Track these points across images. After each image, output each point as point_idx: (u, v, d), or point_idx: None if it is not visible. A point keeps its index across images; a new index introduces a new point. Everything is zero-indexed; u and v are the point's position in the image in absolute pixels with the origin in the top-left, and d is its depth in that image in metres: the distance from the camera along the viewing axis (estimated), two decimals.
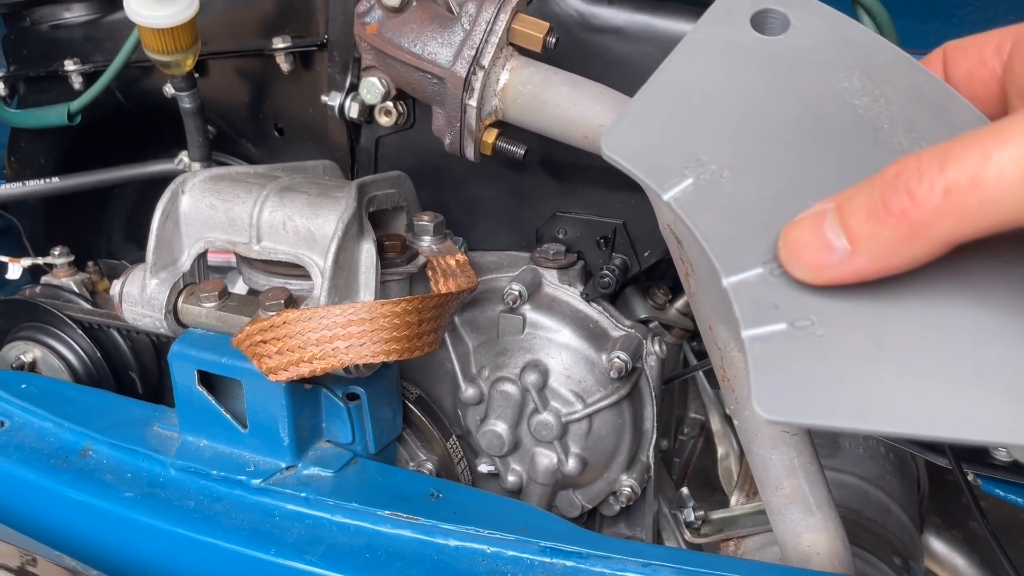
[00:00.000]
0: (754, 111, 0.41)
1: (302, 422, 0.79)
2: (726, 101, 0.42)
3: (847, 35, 0.42)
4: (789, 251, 0.37)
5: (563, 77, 0.77)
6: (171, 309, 0.79)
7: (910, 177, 0.34)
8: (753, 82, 0.42)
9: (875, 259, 0.35)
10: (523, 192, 0.96)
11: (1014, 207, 0.32)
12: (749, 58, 0.42)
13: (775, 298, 0.37)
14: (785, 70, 0.42)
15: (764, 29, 0.43)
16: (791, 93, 0.41)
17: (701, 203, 0.40)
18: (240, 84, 1.07)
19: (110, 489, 0.81)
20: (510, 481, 0.96)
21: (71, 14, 1.18)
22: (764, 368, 0.36)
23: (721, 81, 0.42)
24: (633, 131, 0.42)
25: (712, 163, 0.41)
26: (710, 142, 0.41)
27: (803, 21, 0.43)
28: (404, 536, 0.74)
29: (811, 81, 0.41)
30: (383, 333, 0.71)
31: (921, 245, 0.34)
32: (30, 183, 1.17)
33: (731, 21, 0.43)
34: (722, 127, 0.41)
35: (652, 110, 0.43)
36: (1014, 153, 0.31)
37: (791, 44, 0.42)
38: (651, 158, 0.41)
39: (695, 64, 0.43)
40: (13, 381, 0.94)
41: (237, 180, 0.80)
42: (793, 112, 0.41)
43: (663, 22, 0.83)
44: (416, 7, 0.79)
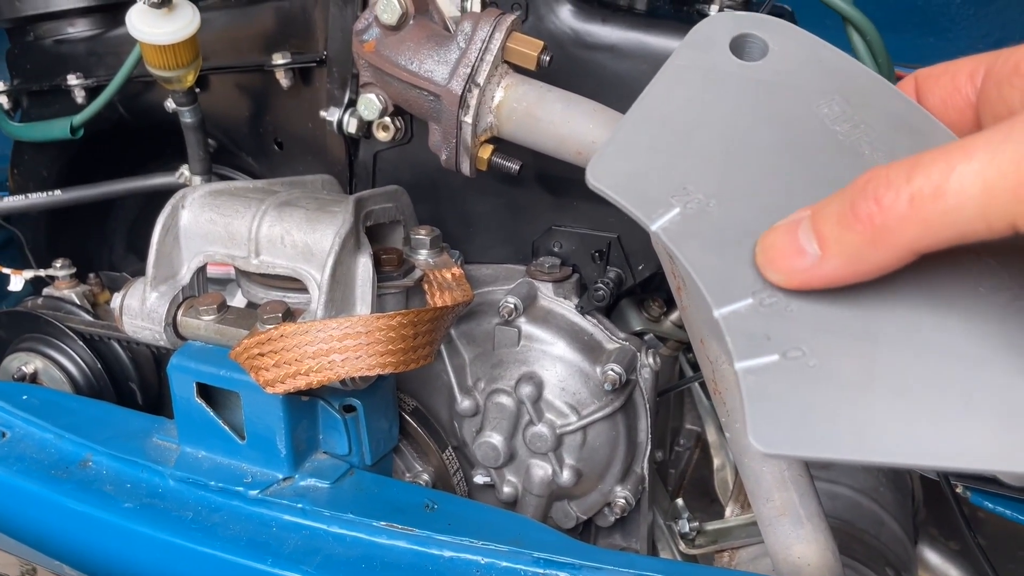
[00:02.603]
0: (738, 139, 0.42)
1: (299, 434, 0.80)
2: (709, 128, 0.42)
3: (825, 60, 0.43)
4: (764, 255, 0.38)
5: (557, 94, 0.78)
6: (170, 322, 0.80)
7: (878, 185, 0.35)
8: (735, 109, 0.42)
9: (843, 263, 0.36)
10: (519, 206, 0.97)
11: (973, 219, 0.33)
12: (730, 84, 0.43)
13: (767, 329, 0.37)
14: (766, 96, 0.42)
15: (743, 54, 0.44)
16: (773, 120, 0.42)
17: (689, 233, 0.40)
18: (240, 99, 1.08)
19: (110, 500, 0.82)
20: (505, 492, 0.97)
21: (74, 29, 1.19)
22: (759, 401, 0.36)
23: (704, 108, 0.42)
24: (618, 160, 0.42)
25: (698, 192, 0.41)
26: (696, 171, 0.41)
27: (781, 46, 0.43)
28: (399, 547, 0.75)
29: (792, 108, 0.42)
30: (379, 346, 0.72)
31: (886, 251, 0.35)
32: (33, 196, 1.19)
33: (711, 46, 0.44)
34: (707, 155, 0.41)
35: (636, 138, 0.43)
36: (977, 166, 0.32)
37: (771, 69, 0.43)
38: (637, 187, 0.41)
39: (677, 90, 0.43)
40: (14, 392, 0.95)
41: (236, 195, 0.81)
42: (776, 139, 0.41)
43: (656, 40, 0.84)
44: (413, 25, 0.80)
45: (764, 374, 0.36)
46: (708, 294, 0.38)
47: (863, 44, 0.86)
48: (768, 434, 0.35)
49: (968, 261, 0.38)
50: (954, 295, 0.37)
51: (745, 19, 0.44)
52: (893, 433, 0.35)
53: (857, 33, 0.86)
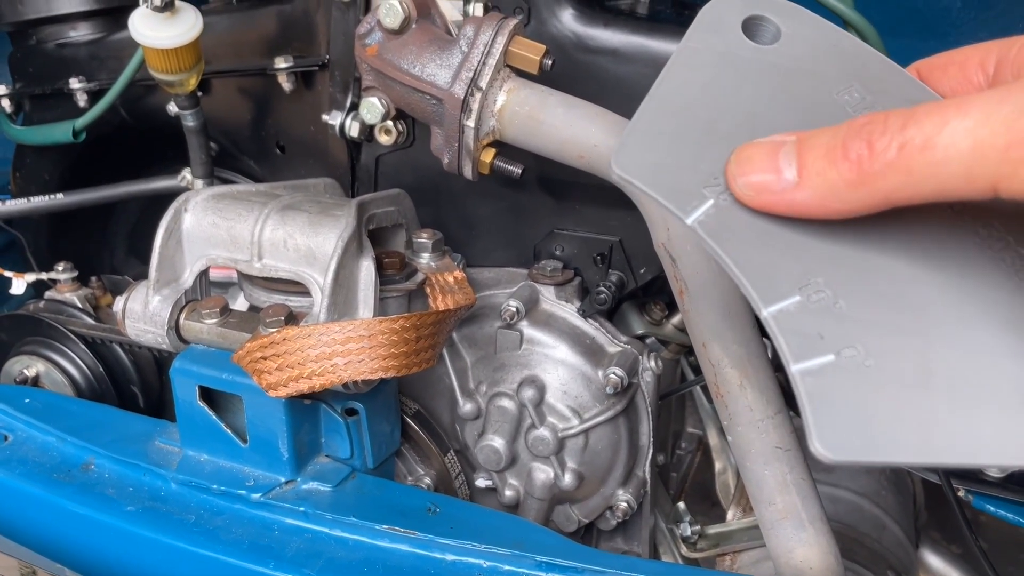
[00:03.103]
0: (763, 126, 0.40)
1: (301, 437, 0.80)
2: (732, 115, 0.40)
3: (839, 45, 0.42)
4: (737, 165, 0.38)
5: (559, 98, 0.78)
6: (173, 325, 0.80)
7: (873, 129, 0.35)
8: (756, 94, 0.41)
9: (816, 196, 0.36)
10: (521, 210, 0.97)
11: (957, 175, 0.33)
12: (748, 68, 0.42)
13: (818, 327, 0.35)
14: (786, 81, 0.41)
15: (756, 36, 0.43)
16: (795, 107, 0.41)
17: (726, 227, 0.38)
18: (242, 103, 1.09)
19: (112, 503, 0.82)
20: (507, 496, 0.97)
21: (76, 33, 1.20)
22: (821, 405, 0.34)
23: (723, 94, 0.41)
24: (642, 148, 0.40)
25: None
26: (724, 160, 0.39)
27: (794, 30, 0.42)
28: (401, 550, 0.75)
29: (812, 93, 0.41)
30: (381, 350, 0.72)
31: (863, 194, 0.35)
32: (35, 199, 1.19)
33: (723, 28, 0.42)
34: (733, 143, 0.39)
35: (658, 125, 0.41)
36: (970, 124, 0.32)
37: (786, 54, 0.42)
38: (666, 178, 0.39)
39: (694, 75, 0.42)
40: (16, 395, 0.96)
41: (239, 198, 0.81)
42: (800, 127, 0.39)
43: (658, 43, 0.84)
44: (416, 29, 0.81)
45: (822, 376, 0.34)
46: (754, 292, 0.36)
47: None
48: (834, 440, 0.33)
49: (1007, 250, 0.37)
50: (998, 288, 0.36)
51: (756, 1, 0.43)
52: (958, 433, 0.34)
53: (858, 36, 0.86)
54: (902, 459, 0.33)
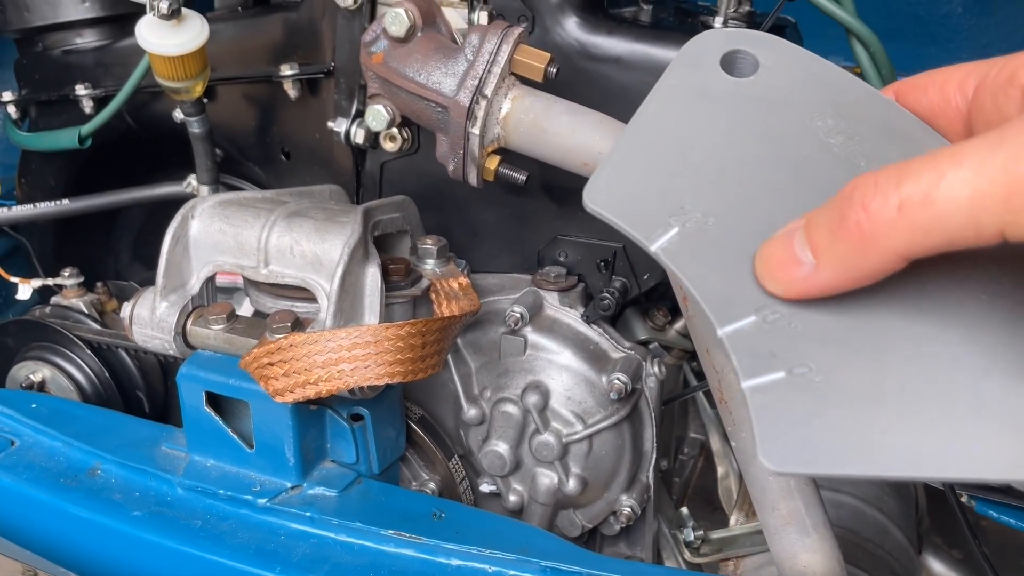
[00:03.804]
0: (733, 156, 0.41)
1: (307, 442, 0.80)
2: (705, 146, 0.42)
3: (816, 73, 0.42)
4: (762, 265, 0.38)
5: (563, 106, 0.79)
6: (180, 331, 0.81)
7: (865, 192, 0.35)
8: (729, 126, 0.42)
9: (836, 272, 0.36)
10: (525, 216, 0.98)
11: (963, 225, 0.33)
12: (723, 101, 0.42)
13: (771, 346, 0.37)
14: (759, 112, 0.42)
15: (734, 70, 0.44)
16: (768, 136, 0.41)
17: (689, 252, 0.39)
18: (248, 109, 1.09)
19: (118, 508, 0.82)
20: (511, 501, 0.97)
21: (83, 40, 1.20)
22: (767, 420, 0.35)
23: (698, 126, 0.42)
24: (614, 182, 0.42)
25: (696, 211, 0.41)
26: (692, 189, 0.41)
27: (772, 61, 0.43)
28: (407, 555, 0.76)
29: (786, 122, 0.41)
30: (387, 356, 0.73)
31: (876, 258, 0.35)
32: (41, 205, 1.19)
33: (702, 64, 0.43)
34: (703, 173, 0.41)
35: (632, 159, 0.42)
36: (967, 173, 0.32)
37: (763, 85, 0.42)
38: (635, 209, 0.41)
39: (670, 110, 0.43)
40: (23, 401, 0.96)
41: (245, 205, 0.82)
42: (772, 155, 0.41)
43: (662, 51, 0.85)
44: (421, 37, 0.81)
45: (771, 391, 0.36)
46: (711, 313, 0.38)
47: (866, 55, 0.87)
48: (777, 452, 0.35)
49: (969, 268, 0.37)
50: (957, 304, 0.37)
51: (735, 35, 0.44)
52: (903, 446, 0.34)
53: (860, 44, 0.86)
54: (844, 471, 0.34)
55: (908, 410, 0.35)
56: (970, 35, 1.52)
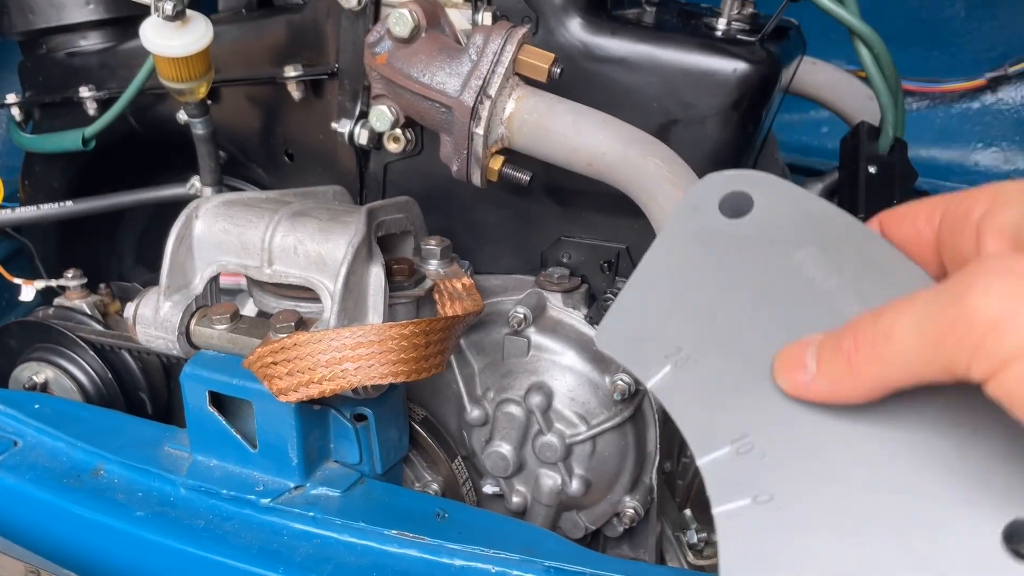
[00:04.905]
0: (724, 295, 0.44)
1: (311, 442, 0.80)
2: (700, 287, 0.45)
3: (805, 209, 0.44)
4: (779, 362, 0.43)
5: (567, 106, 0.79)
6: (184, 331, 0.81)
7: (859, 324, 0.40)
8: (722, 267, 0.45)
9: (828, 385, 0.41)
10: (528, 217, 0.98)
11: (919, 363, 0.37)
12: (718, 243, 0.45)
13: (740, 475, 0.40)
14: (749, 251, 0.45)
15: (731, 210, 0.46)
16: (755, 273, 0.44)
17: (677, 387, 0.43)
18: (252, 111, 1.09)
19: (122, 508, 0.82)
20: (514, 502, 0.97)
21: (87, 42, 1.21)
22: (731, 543, 0.39)
23: (694, 268, 0.45)
24: (620, 325, 0.46)
25: (687, 349, 0.44)
26: (686, 329, 0.44)
27: (765, 199, 0.45)
28: (410, 555, 0.76)
29: (772, 260, 0.44)
30: (391, 355, 0.73)
31: (858, 381, 0.40)
32: (44, 206, 1.19)
33: (702, 207, 0.46)
34: (696, 314, 0.44)
35: (635, 303, 0.46)
36: (912, 320, 0.37)
37: (754, 223, 0.45)
38: (637, 349, 0.45)
39: (672, 253, 0.46)
40: (26, 401, 0.96)
41: (249, 205, 0.82)
42: (758, 292, 0.44)
43: (665, 52, 0.85)
44: (425, 38, 0.81)
45: (737, 518, 0.39)
46: (692, 445, 0.42)
47: (870, 56, 0.87)
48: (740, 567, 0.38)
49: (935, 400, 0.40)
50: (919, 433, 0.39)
51: (734, 178, 0.46)
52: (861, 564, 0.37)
53: (864, 46, 0.87)
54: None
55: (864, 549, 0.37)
56: (973, 38, 1.52)
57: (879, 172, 0.89)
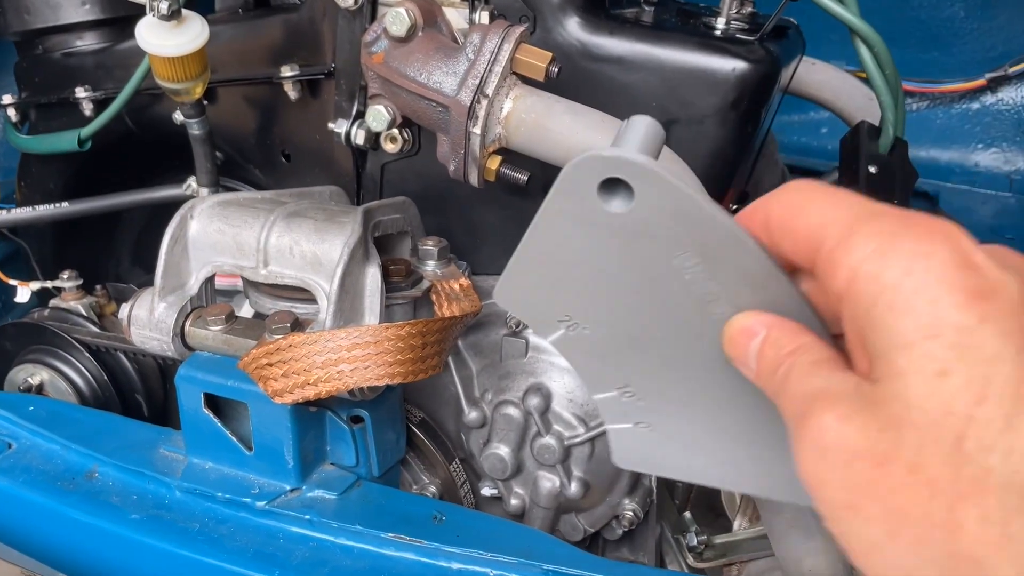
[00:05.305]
0: (608, 278, 0.50)
1: (307, 445, 0.80)
2: (585, 267, 0.50)
3: (686, 211, 0.46)
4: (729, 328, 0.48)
5: (565, 105, 0.79)
6: (178, 332, 0.80)
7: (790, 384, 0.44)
8: (606, 253, 0.49)
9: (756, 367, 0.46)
10: (526, 217, 0.95)
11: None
12: (600, 229, 0.48)
13: (625, 409, 0.54)
14: (631, 245, 0.48)
15: (611, 197, 0.47)
16: (636, 265, 0.49)
17: (572, 346, 0.53)
18: (248, 111, 1.09)
19: (116, 511, 0.82)
20: (513, 505, 0.96)
21: (83, 42, 1.20)
22: (619, 447, 0.55)
23: (579, 249, 0.49)
24: (515, 286, 0.53)
25: (576, 318, 0.52)
26: (575, 303, 0.52)
27: (645, 193, 0.46)
28: (407, 559, 0.75)
29: (653, 257, 0.48)
30: (387, 356, 0.72)
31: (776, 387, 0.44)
32: (40, 208, 1.19)
33: (581, 190, 0.47)
34: (584, 291, 0.51)
35: (527, 269, 0.52)
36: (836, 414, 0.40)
37: (635, 218, 0.47)
38: (532, 311, 0.53)
39: (555, 231, 0.50)
40: (20, 403, 0.96)
41: (245, 206, 0.81)
42: (639, 284, 0.49)
43: (664, 51, 0.84)
44: (422, 37, 0.81)
45: (622, 433, 0.55)
46: (587, 385, 0.55)
47: (869, 55, 0.86)
48: (624, 457, 0.55)
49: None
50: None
51: (612, 163, 0.46)
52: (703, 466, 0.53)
53: (864, 45, 0.86)
54: (665, 474, 0.56)
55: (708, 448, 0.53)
56: (972, 38, 1.51)
57: (880, 172, 0.88)
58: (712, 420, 0.51)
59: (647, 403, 0.55)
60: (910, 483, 0.35)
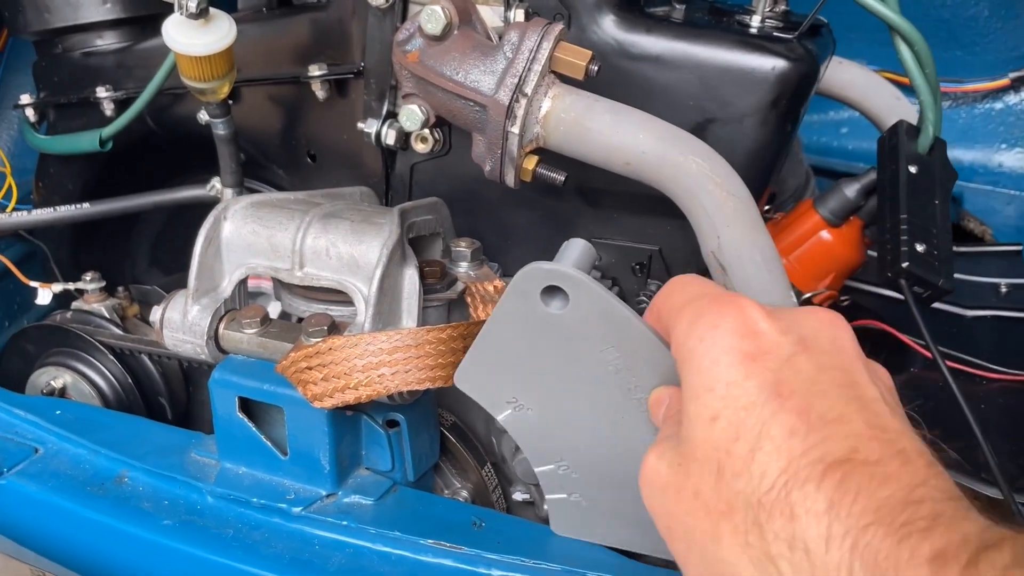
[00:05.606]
0: (549, 367, 0.62)
1: (343, 449, 0.78)
2: (531, 357, 0.62)
3: (609, 314, 0.58)
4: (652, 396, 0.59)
5: (606, 104, 0.77)
6: (212, 335, 0.79)
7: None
8: (547, 347, 0.61)
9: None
10: (558, 218, 0.96)
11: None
12: (542, 328, 0.60)
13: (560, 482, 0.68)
14: (566, 340, 0.60)
15: (551, 300, 0.59)
16: (572, 359, 0.60)
17: (518, 424, 0.66)
18: (273, 111, 1.07)
19: (148, 517, 0.80)
20: (546, 510, 0.95)
21: (103, 42, 1.19)
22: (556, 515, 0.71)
23: (526, 343, 0.61)
24: (473, 371, 0.66)
25: (522, 400, 0.65)
26: (522, 386, 0.64)
27: (578, 299, 0.58)
28: (446, 566, 0.74)
29: (584, 351, 0.60)
30: (429, 360, 0.71)
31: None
32: (61, 209, 1.17)
33: (528, 294, 0.59)
34: (529, 376, 0.63)
35: (484, 357, 0.64)
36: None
37: (570, 318, 0.59)
38: (486, 393, 0.66)
39: (508, 325, 0.62)
40: (47, 407, 0.94)
41: (279, 206, 0.80)
42: (574, 373, 0.61)
43: (702, 49, 0.83)
44: (457, 35, 0.80)
45: (560, 504, 0.69)
46: (530, 458, 0.68)
47: (911, 55, 0.85)
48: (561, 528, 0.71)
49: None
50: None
51: (553, 274, 0.59)
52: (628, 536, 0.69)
53: (904, 44, 0.85)
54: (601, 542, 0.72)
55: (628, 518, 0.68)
56: (996, 38, 1.50)
57: (920, 172, 0.87)
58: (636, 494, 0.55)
59: (580, 476, 0.66)
60: (695, 506, 0.45)
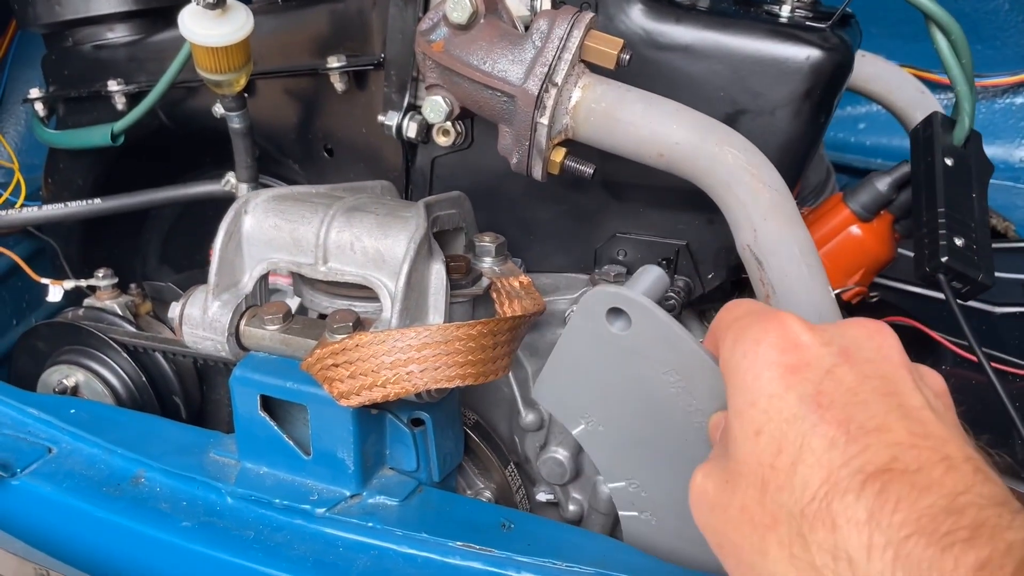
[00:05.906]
0: (616, 387, 0.65)
1: (367, 449, 0.76)
2: (600, 376, 0.65)
3: (669, 338, 0.60)
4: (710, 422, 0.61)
5: (637, 94, 0.75)
6: (233, 332, 0.77)
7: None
8: (613, 366, 0.64)
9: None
10: (582, 213, 0.94)
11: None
12: (609, 347, 0.63)
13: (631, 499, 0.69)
14: (630, 359, 0.63)
15: (616, 322, 0.63)
16: (636, 378, 0.63)
17: (591, 440, 0.69)
18: (289, 104, 1.05)
19: (166, 518, 0.78)
20: (571, 511, 0.93)
21: (114, 34, 1.17)
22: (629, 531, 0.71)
23: (594, 361, 0.65)
24: (550, 385, 0.69)
25: (594, 417, 0.68)
26: (593, 403, 0.67)
27: (640, 322, 0.61)
28: (475, 568, 0.72)
29: (646, 372, 0.62)
30: (458, 356, 0.69)
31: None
32: (72, 204, 1.16)
33: (595, 315, 0.63)
34: (599, 394, 0.66)
35: (559, 372, 0.68)
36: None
37: (633, 340, 0.62)
38: (563, 407, 0.69)
39: (578, 343, 0.65)
40: (61, 406, 0.92)
41: (301, 200, 0.78)
42: (638, 392, 0.64)
43: (733, 39, 0.81)
44: (484, 24, 0.78)
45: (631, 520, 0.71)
46: (603, 474, 0.70)
47: (947, 45, 0.83)
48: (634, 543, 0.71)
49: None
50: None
51: (617, 297, 0.62)
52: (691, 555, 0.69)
53: (941, 33, 0.83)
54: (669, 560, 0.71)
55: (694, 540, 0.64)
56: (1016, 31, 1.48)
57: (956, 165, 0.85)
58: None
59: (650, 496, 0.68)
60: (742, 522, 0.45)
